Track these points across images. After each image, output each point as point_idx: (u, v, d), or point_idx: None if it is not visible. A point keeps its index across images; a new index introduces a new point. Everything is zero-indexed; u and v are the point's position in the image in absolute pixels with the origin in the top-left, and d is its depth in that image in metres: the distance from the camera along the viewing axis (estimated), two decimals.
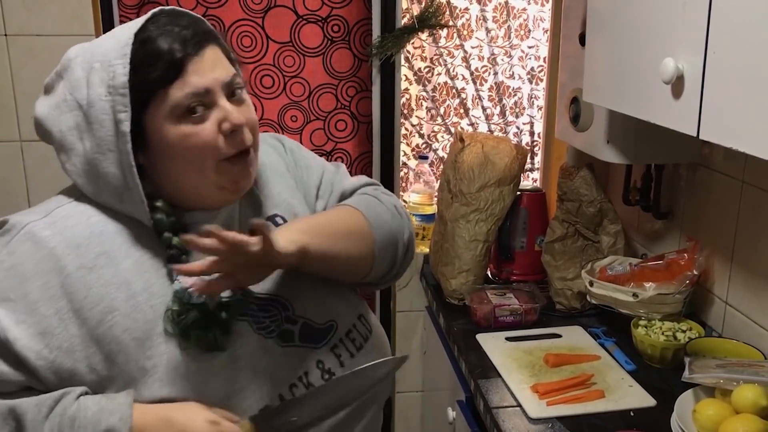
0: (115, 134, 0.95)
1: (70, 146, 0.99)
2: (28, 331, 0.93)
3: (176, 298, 0.97)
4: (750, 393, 1.18)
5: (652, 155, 1.71)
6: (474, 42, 2.46)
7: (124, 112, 0.94)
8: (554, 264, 1.93)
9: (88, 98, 0.96)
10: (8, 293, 0.94)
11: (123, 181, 0.97)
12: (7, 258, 0.96)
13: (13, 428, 0.92)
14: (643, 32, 1.26)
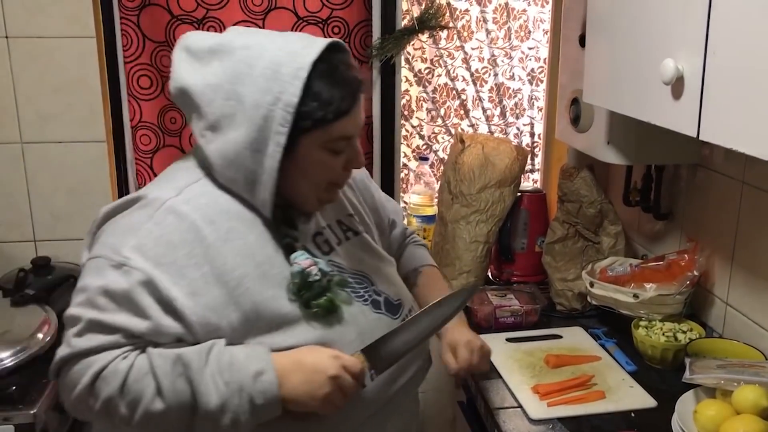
0: (269, 141, 1.06)
1: (220, 130, 1.08)
2: (182, 291, 1.05)
3: (297, 275, 1.12)
4: (751, 393, 1.19)
5: (653, 156, 1.72)
6: (474, 43, 2.46)
7: (285, 127, 1.06)
8: (555, 265, 1.93)
9: (253, 99, 1.06)
10: (161, 259, 1.05)
11: (260, 178, 1.09)
12: (155, 228, 1.07)
13: (182, 372, 1.04)
14: (643, 33, 1.26)
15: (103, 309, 1.05)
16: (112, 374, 1.04)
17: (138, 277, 1.04)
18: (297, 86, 1.05)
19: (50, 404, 1.57)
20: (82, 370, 1.05)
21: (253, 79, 1.06)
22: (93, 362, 1.05)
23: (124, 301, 1.05)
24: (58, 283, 1.86)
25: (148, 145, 2.04)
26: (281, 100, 1.05)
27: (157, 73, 2.00)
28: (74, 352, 1.06)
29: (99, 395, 1.05)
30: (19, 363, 1.57)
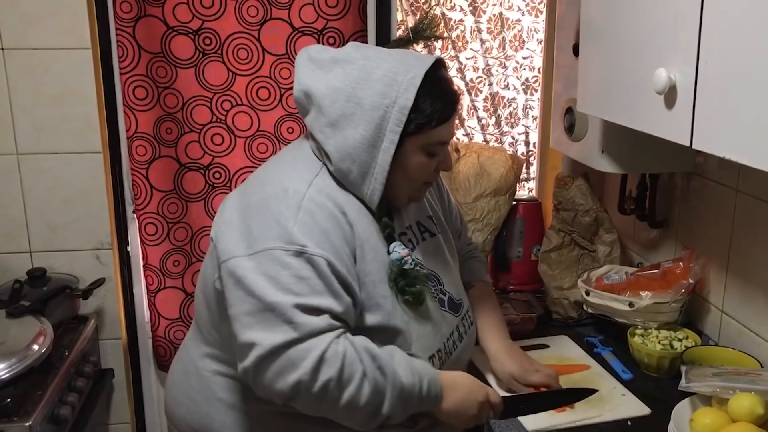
0: (384, 138, 1.20)
1: (340, 127, 1.20)
2: (344, 270, 1.18)
3: (395, 263, 1.26)
4: (746, 401, 1.19)
5: (647, 164, 1.72)
6: (469, 53, 2.47)
7: (399, 127, 1.20)
8: (551, 273, 1.94)
9: (372, 101, 1.19)
10: (323, 244, 1.16)
11: (372, 170, 1.22)
12: (307, 218, 1.17)
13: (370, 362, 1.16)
14: (636, 43, 1.27)
15: (305, 294, 1.13)
16: (333, 357, 1.12)
17: (322, 262, 1.15)
18: (412, 92, 1.19)
19: (45, 416, 1.57)
20: (303, 353, 1.11)
21: (372, 84, 1.19)
22: (314, 345, 1.12)
23: (320, 285, 1.14)
24: (53, 295, 1.86)
25: (144, 156, 2.04)
26: (397, 104, 1.19)
27: (153, 84, 2.00)
28: (297, 336, 1.11)
29: (319, 377, 1.11)
30: (14, 375, 1.56)
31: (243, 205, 1.22)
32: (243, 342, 1.14)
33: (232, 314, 1.16)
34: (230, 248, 1.18)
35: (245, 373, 1.15)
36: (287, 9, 1.99)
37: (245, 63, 2.03)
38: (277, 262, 1.14)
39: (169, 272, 2.14)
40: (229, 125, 2.06)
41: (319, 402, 1.14)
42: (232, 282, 1.16)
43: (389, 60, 1.23)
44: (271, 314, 1.12)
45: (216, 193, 2.10)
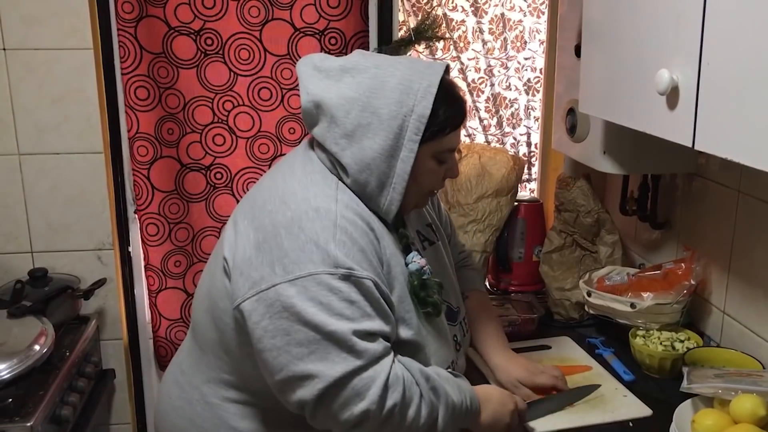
0: (402, 147, 1.17)
1: (356, 138, 1.17)
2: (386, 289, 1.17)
3: (415, 275, 1.24)
4: (748, 403, 1.18)
5: (649, 165, 1.72)
6: (470, 54, 2.48)
7: (417, 136, 1.17)
8: (552, 274, 1.94)
9: (389, 110, 1.16)
10: (363, 263, 1.13)
11: (390, 181, 1.19)
12: (345, 237, 1.13)
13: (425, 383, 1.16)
14: (638, 43, 1.26)
15: (358, 319, 1.09)
16: (395, 382, 1.11)
17: (369, 284, 1.12)
18: (429, 100, 1.17)
19: (47, 416, 1.57)
20: (369, 381, 1.09)
21: (387, 93, 1.16)
22: (378, 372, 1.10)
23: (369, 308, 1.11)
24: (54, 295, 1.86)
25: (146, 156, 2.04)
26: (415, 112, 1.17)
27: (155, 85, 2.00)
28: (360, 364, 1.08)
29: (386, 405, 1.10)
30: (15, 375, 1.56)
31: (267, 226, 1.15)
32: (297, 374, 1.08)
33: (275, 345, 1.09)
34: (264, 275, 1.11)
35: (300, 405, 1.10)
36: (289, 9, 2.00)
37: (247, 63, 2.03)
38: (325, 287, 1.08)
39: (170, 273, 2.14)
40: (230, 126, 2.06)
41: (382, 427, 1.12)
42: (275, 311, 1.09)
43: (401, 68, 1.20)
44: (328, 343, 1.07)
45: (217, 193, 2.10)
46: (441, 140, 1.22)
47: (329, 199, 1.16)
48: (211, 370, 1.25)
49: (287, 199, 1.16)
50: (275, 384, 1.12)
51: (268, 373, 1.12)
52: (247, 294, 1.12)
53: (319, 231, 1.11)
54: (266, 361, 1.11)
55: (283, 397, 1.13)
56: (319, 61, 1.22)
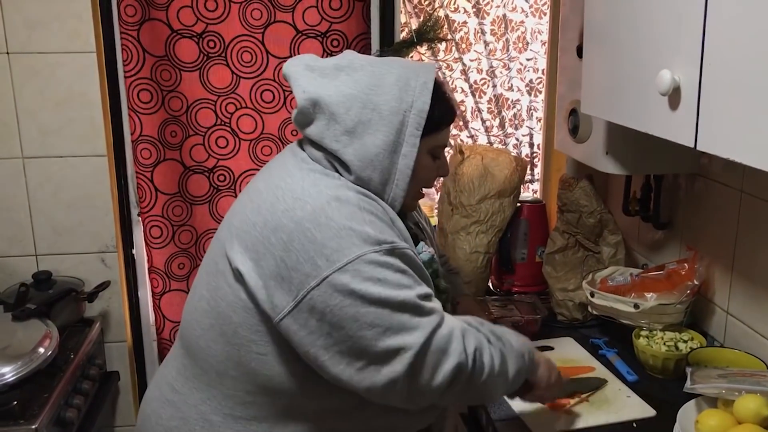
0: (404, 143, 1.19)
1: (357, 135, 1.17)
2: None
3: (428, 263, 1.28)
4: (752, 403, 1.18)
5: (651, 166, 1.72)
6: (473, 55, 2.48)
7: (418, 130, 1.20)
8: (555, 275, 1.93)
9: (389, 106, 1.18)
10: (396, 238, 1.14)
11: (393, 176, 1.20)
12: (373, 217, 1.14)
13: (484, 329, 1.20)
14: (640, 44, 1.26)
15: (414, 285, 1.11)
16: (466, 329, 1.15)
17: (410, 253, 1.15)
18: (427, 96, 1.20)
19: (51, 419, 1.57)
20: (447, 336, 1.11)
21: (386, 89, 1.18)
22: (449, 326, 1.12)
23: (415, 276, 1.13)
24: (59, 297, 1.87)
25: (149, 159, 2.05)
26: (414, 107, 1.19)
27: (158, 88, 2.01)
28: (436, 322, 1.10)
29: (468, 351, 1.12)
30: (20, 378, 1.57)
31: (287, 225, 1.10)
32: (380, 354, 1.06)
33: (346, 335, 1.06)
34: (308, 272, 1.06)
35: (391, 385, 1.08)
36: (291, 12, 2.00)
37: (249, 66, 2.03)
38: (376, 264, 1.07)
39: (174, 275, 2.14)
40: (233, 128, 2.07)
41: (470, 380, 1.13)
42: (334, 303, 1.05)
43: (396, 66, 1.22)
44: (400, 314, 1.07)
45: (221, 195, 2.11)
46: (437, 136, 1.25)
47: (342, 188, 1.15)
48: (212, 388, 1.20)
49: (299, 195, 1.12)
50: (357, 374, 1.08)
51: (344, 366, 1.08)
52: (297, 297, 1.07)
53: (348, 216, 1.10)
54: (340, 355, 1.07)
55: (368, 384, 1.08)
56: (311, 61, 1.22)
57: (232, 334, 1.15)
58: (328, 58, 1.24)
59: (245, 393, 1.17)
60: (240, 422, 1.18)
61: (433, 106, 1.21)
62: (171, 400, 1.24)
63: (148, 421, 1.27)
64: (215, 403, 1.19)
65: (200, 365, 1.21)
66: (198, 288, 1.23)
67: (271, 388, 1.15)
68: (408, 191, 1.23)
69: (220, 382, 1.18)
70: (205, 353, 1.19)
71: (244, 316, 1.13)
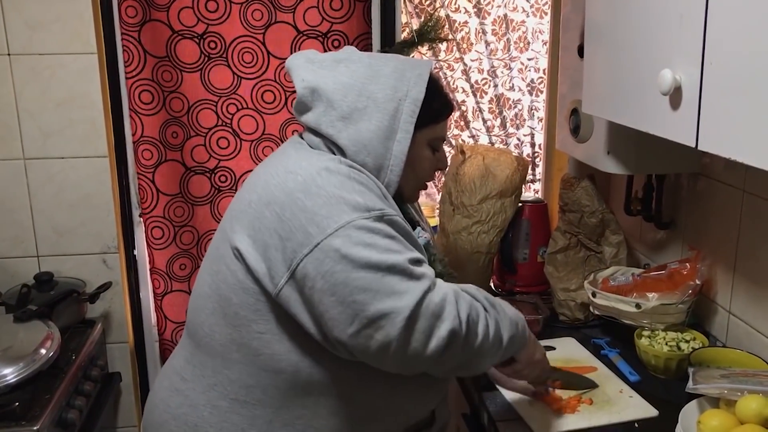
0: (399, 129, 1.22)
1: (352, 120, 1.21)
2: None
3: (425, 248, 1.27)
4: (754, 403, 1.18)
5: (653, 165, 1.72)
6: (474, 55, 2.48)
7: (412, 117, 1.23)
8: (557, 275, 1.93)
9: (384, 94, 1.21)
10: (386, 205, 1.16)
11: (387, 162, 1.23)
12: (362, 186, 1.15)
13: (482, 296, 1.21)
14: (641, 44, 1.26)
15: (404, 250, 1.12)
16: (459, 294, 1.15)
17: (399, 220, 1.17)
18: (422, 86, 1.24)
19: (53, 420, 1.57)
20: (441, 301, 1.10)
21: (382, 79, 1.22)
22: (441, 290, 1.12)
23: (405, 241, 1.15)
24: (60, 299, 1.87)
25: (150, 160, 2.05)
26: (409, 96, 1.23)
27: (159, 88, 2.01)
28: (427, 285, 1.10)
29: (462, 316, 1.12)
30: (22, 379, 1.57)
31: (279, 196, 1.13)
32: (372, 317, 1.06)
33: (338, 300, 1.07)
34: (301, 240, 1.09)
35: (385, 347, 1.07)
36: (292, 12, 2.00)
37: (250, 66, 2.03)
38: (366, 229, 1.09)
39: (175, 275, 2.14)
40: (234, 129, 2.07)
41: (465, 346, 1.13)
42: (326, 268, 1.07)
43: (392, 59, 1.27)
44: (391, 277, 1.07)
45: (222, 196, 2.11)
46: (435, 127, 1.29)
47: (334, 161, 1.18)
48: (218, 374, 1.22)
49: (292, 169, 1.16)
50: (351, 338, 1.09)
51: (340, 331, 1.09)
52: (291, 266, 1.10)
53: (338, 185, 1.13)
54: (334, 320, 1.08)
55: (363, 348, 1.09)
56: (312, 55, 1.28)
57: (233, 316, 1.18)
58: (328, 53, 1.29)
59: (249, 376, 1.19)
60: (246, 406, 1.20)
61: (429, 97, 1.24)
62: (179, 389, 1.26)
63: (156, 410, 1.29)
64: (221, 388, 1.21)
65: (206, 351, 1.24)
66: (202, 275, 1.28)
67: (272, 367, 1.18)
68: (405, 179, 1.26)
69: (225, 367, 1.21)
70: (210, 338, 1.22)
71: (243, 296, 1.17)
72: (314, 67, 1.25)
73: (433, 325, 1.09)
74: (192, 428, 1.23)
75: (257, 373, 1.19)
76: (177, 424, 1.24)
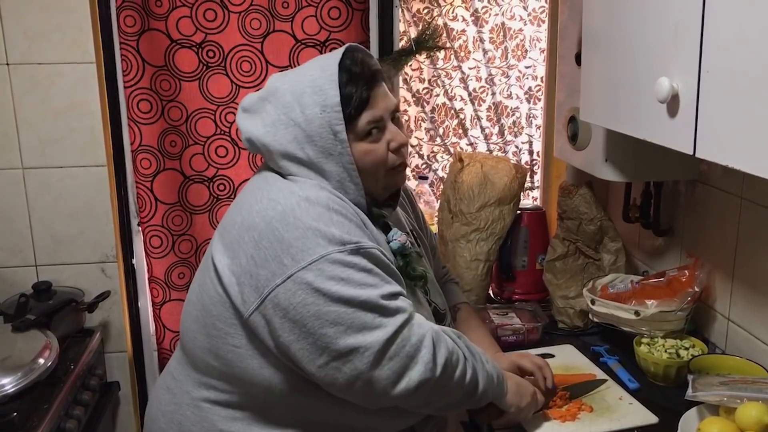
0: (336, 143, 1.19)
1: (293, 156, 1.20)
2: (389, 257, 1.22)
3: (398, 251, 1.27)
4: (754, 411, 1.18)
5: (651, 173, 1.72)
6: (471, 63, 2.48)
7: (339, 124, 1.18)
8: (556, 282, 1.93)
9: (305, 117, 1.18)
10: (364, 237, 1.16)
11: (345, 174, 1.21)
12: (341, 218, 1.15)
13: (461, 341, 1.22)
14: (638, 52, 1.27)
15: (379, 285, 1.12)
16: (439, 338, 1.16)
17: (377, 252, 1.15)
18: (334, 88, 1.18)
19: (51, 430, 1.57)
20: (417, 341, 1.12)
21: (298, 101, 1.19)
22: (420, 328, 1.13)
23: (382, 275, 1.14)
24: (59, 308, 1.87)
25: (149, 169, 2.05)
26: (327, 105, 1.18)
27: (157, 97, 2.01)
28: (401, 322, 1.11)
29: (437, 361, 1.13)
30: (20, 389, 1.57)
31: (259, 224, 1.14)
32: (341, 351, 1.08)
33: (308, 331, 1.09)
34: (274, 270, 1.10)
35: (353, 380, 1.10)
36: (290, 21, 2.01)
37: (248, 75, 2.04)
38: (340, 263, 1.10)
39: (174, 284, 2.14)
40: (233, 137, 2.07)
41: (436, 390, 1.15)
42: (298, 300, 1.08)
43: (306, 71, 1.23)
44: (362, 313, 1.09)
45: (220, 205, 2.11)
46: (356, 123, 1.21)
47: (315, 188, 1.18)
48: (201, 375, 1.26)
49: (273, 196, 1.17)
50: (319, 370, 1.11)
51: (308, 362, 1.11)
52: (263, 294, 1.11)
53: (315, 217, 1.13)
54: (303, 351, 1.10)
55: (330, 380, 1.11)
56: (246, 102, 1.26)
57: (211, 326, 1.21)
58: (257, 92, 1.27)
59: (227, 383, 1.23)
60: (227, 409, 1.24)
61: (347, 93, 1.19)
62: (169, 387, 1.32)
63: (150, 407, 1.37)
64: (204, 390, 1.25)
65: (191, 355, 1.28)
66: (193, 283, 1.31)
67: (247, 380, 1.20)
68: (369, 182, 1.24)
69: (206, 372, 1.25)
70: (193, 344, 1.26)
71: (221, 309, 1.19)
72: (247, 116, 1.25)
73: (406, 365, 1.11)
74: (177, 426, 1.27)
75: (235, 381, 1.22)
76: (165, 421, 1.30)
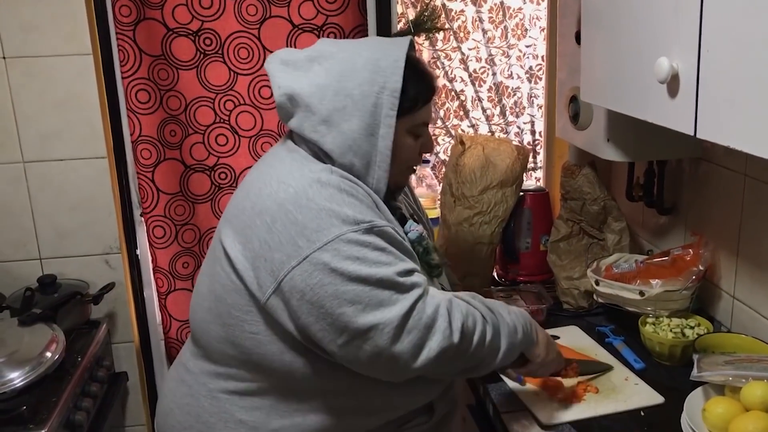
0: (381, 124, 1.20)
1: (334, 123, 1.19)
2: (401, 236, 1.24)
3: (417, 241, 1.29)
4: (759, 390, 1.18)
5: (653, 152, 1.71)
6: (471, 43, 2.46)
7: (393, 109, 1.20)
8: (560, 263, 1.93)
9: (361, 91, 1.19)
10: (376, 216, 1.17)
11: (375, 158, 1.21)
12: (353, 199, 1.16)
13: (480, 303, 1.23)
14: (638, 31, 1.25)
15: (394, 262, 1.13)
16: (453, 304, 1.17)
17: (390, 230, 1.17)
18: (399, 74, 1.20)
19: (61, 422, 1.58)
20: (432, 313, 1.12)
21: (357, 74, 1.19)
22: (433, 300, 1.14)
23: (397, 252, 1.15)
24: (64, 301, 1.87)
25: (149, 159, 2.05)
26: (387, 88, 1.19)
27: (155, 87, 2.00)
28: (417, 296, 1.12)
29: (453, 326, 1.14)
30: (28, 382, 1.58)
31: (271, 207, 1.14)
32: (360, 329, 1.09)
33: (327, 312, 1.09)
34: (289, 252, 1.11)
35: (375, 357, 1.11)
36: (286, 6, 1.99)
37: (246, 62, 2.02)
38: (355, 243, 1.10)
39: (178, 274, 2.14)
40: (232, 125, 2.06)
41: (458, 355, 1.15)
42: (315, 281, 1.09)
43: (366, 48, 1.23)
44: (379, 291, 1.10)
45: (222, 193, 2.11)
46: (414, 115, 1.25)
47: (326, 171, 1.18)
48: (217, 366, 1.27)
49: (284, 179, 1.17)
50: (340, 349, 1.12)
51: (328, 342, 1.12)
52: (278, 277, 1.12)
53: (328, 197, 1.13)
54: (323, 332, 1.11)
55: (352, 358, 1.13)
56: (286, 55, 1.26)
57: (227, 315, 1.21)
58: (302, 50, 1.26)
59: (246, 371, 1.23)
60: (245, 398, 1.24)
61: (407, 84, 1.21)
62: (184, 380, 1.33)
63: (165, 399, 1.37)
64: (221, 380, 1.26)
65: (205, 346, 1.29)
66: (201, 274, 1.31)
67: (266, 366, 1.21)
68: (392, 171, 1.24)
69: (223, 362, 1.25)
70: (207, 335, 1.26)
71: (236, 297, 1.19)
72: (289, 70, 1.23)
73: (425, 336, 1.11)
74: (194, 417, 1.28)
75: (253, 369, 1.22)
76: (181, 413, 1.30)
